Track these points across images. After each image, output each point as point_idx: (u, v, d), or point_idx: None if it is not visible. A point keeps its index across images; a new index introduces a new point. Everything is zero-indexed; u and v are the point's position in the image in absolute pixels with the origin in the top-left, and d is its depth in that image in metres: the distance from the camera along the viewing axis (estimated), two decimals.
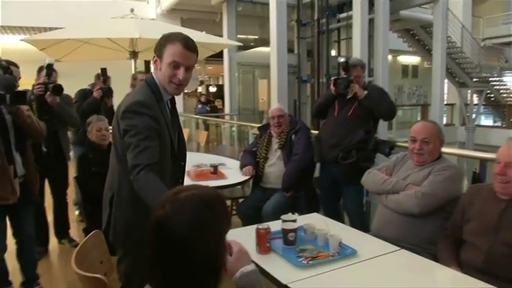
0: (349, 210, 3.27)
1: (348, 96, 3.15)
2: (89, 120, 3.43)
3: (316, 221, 2.04)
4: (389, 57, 9.25)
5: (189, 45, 1.67)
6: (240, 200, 3.78)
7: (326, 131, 3.30)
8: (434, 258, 1.84)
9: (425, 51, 12.02)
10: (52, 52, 5.27)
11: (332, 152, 3.14)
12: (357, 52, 7.45)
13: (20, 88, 2.63)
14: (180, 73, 1.67)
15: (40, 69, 3.41)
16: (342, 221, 2.88)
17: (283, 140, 3.30)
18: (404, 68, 16.88)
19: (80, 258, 1.50)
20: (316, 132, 3.55)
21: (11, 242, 2.74)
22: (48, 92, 3.18)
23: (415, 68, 17.13)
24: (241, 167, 3.39)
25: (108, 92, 4.35)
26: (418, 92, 16.97)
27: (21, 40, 5.13)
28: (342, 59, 3.28)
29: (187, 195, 0.99)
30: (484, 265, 1.67)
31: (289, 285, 1.43)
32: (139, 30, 4.70)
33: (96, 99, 4.24)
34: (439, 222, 2.06)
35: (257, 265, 1.59)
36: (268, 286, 1.44)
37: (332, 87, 3.19)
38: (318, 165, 3.39)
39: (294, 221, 1.85)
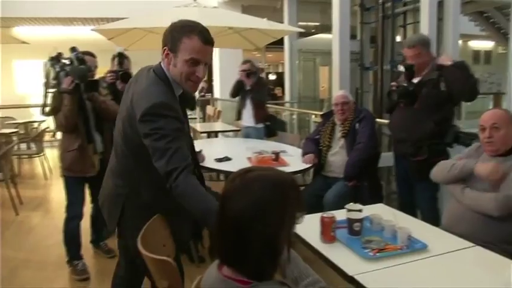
0: (421, 206, 3.05)
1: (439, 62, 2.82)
2: None
3: (382, 212, 1.97)
4: (460, 42, 8.73)
5: (208, 39, 1.55)
6: (301, 189, 3.75)
7: (394, 124, 3.09)
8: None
9: (501, 35, 11.24)
10: (119, 41, 5.49)
11: (402, 146, 2.95)
12: None
13: (96, 76, 3.06)
14: (200, 70, 1.56)
15: (113, 57, 3.57)
16: (415, 215, 2.68)
17: (346, 129, 3.23)
18: (476, 54, 15.87)
19: (144, 242, 1.51)
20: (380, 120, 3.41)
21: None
22: (118, 80, 3.32)
23: (487, 53, 16.05)
24: (303, 154, 3.35)
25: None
26: (491, 79, 15.92)
27: (92, 30, 5.38)
28: (400, 68, 3.01)
29: (259, 174, 0.98)
30: None
31: (355, 277, 1.39)
32: (203, 18, 4.75)
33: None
34: None
35: (321, 254, 1.58)
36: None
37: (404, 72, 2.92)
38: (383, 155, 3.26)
39: (360, 210, 1.80)
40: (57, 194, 5.05)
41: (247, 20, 5.69)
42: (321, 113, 3.81)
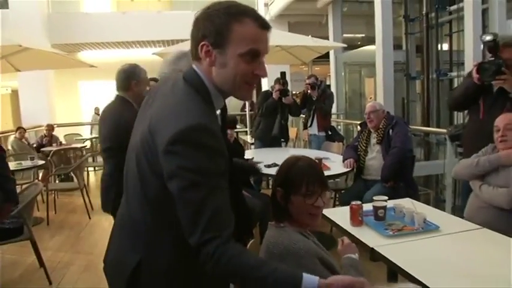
0: None
1: (495, 88, 2.53)
2: None
3: (407, 204, 2.28)
4: None
5: (266, 23, 1.14)
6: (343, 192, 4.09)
7: (468, 137, 2.82)
8: None
9: None
10: None
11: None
12: (470, 45, 7.17)
13: None
14: (262, 66, 1.14)
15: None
16: None
17: (381, 135, 3.53)
18: None
19: None
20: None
21: None
22: None
23: None
24: (344, 159, 3.70)
25: (284, 93, 5.15)
26: None
27: (153, 54, 6.02)
28: (488, 37, 2.48)
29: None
30: None
31: (375, 248, 1.74)
32: None
33: (274, 100, 5.14)
34: None
35: (351, 235, 1.94)
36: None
37: (475, 74, 2.50)
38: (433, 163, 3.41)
39: (385, 201, 2.13)
40: None
41: (293, 38, 6.13)
42: (359, 122, 4.14)
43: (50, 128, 7.47)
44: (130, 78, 2.62)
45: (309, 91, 5.41)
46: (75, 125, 10.20)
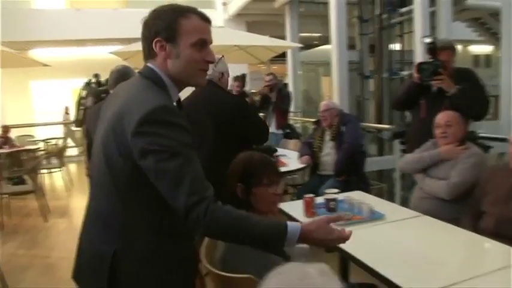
0: None
1: (433, 89, 2.70)
2: None
3: (358, 196, 2.43)
4: (459, 47, 9.12)
5: (206, 17, 1.28)
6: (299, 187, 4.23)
7: (411, 135, 2.99)
8: None
9: (497, 39, 11.60)
10: (134, 61, 6.02)
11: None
12: (419, 46, 7.54)
13: None
14: (210, 51, 1.27)
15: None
16: None
17: (334, 132, 3.70)
18: (476, 58, 16.22)
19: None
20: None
21: None
22: None
23: (487, 57, 16.40)
24: (300, 156, 3.83)
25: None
26: (491, 82, 16.20)
27: (110, 53, 5.93)
28: (427, 39, 2.70)
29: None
30: (495, 228, 1.97)
31: None
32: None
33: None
34: (467, 203, 2.33)
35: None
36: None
37: (415, 73, 2.69)
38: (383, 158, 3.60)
39: (336, 193, 2.26)
40: (80, 203, 5.57)
41: (251, 37, 6.22)
42: (314, 120, 4.30)
43: (6, 129, 7.19)
44: (123, 78, 2.65)
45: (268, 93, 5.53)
46: (27, 126, 9.84)
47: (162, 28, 1.21)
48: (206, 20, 1.27)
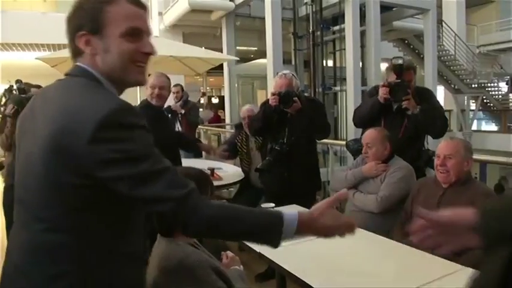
0: None
1: (394, 107, 2.74)
2: None
3: (293, 209, 2.42)
4: (386, 65, 9.62)
5: (140, 1, 1.08)
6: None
7: None
8: None
9: (420, 59, 12.41)
10: (62, 68, 5.73)
11: None
12: (350, 63, 7.89)
13: None
14: (147, 41, 1.08)
15: None
16: None
17: (259, 141, 3.53)
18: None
19: None
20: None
21: None
22: None
23: None
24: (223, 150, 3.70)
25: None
26: None
27: (36, 58, 5.59)
28: (399, 60, 2.65)
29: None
30: None
31: (262, 253, 1.82)
32: None
33: None
34: (397, 215, 2.42)
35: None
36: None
37: (385, 94, 2.67)
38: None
39: (272, 207, 2.23)
40: None
41: (186, 48, 6.15)
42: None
43: None
44: None
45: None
46: None
47: (86, 19, 1.03)
48: (139, 5, 1.07)
